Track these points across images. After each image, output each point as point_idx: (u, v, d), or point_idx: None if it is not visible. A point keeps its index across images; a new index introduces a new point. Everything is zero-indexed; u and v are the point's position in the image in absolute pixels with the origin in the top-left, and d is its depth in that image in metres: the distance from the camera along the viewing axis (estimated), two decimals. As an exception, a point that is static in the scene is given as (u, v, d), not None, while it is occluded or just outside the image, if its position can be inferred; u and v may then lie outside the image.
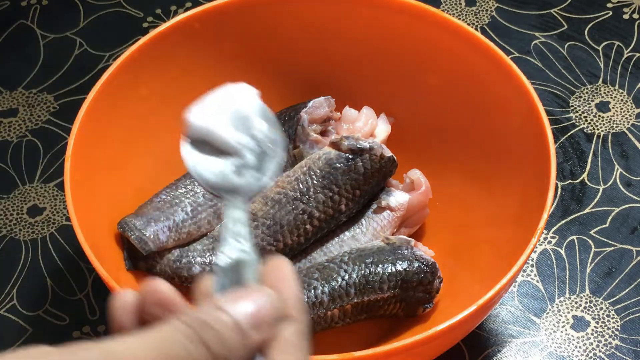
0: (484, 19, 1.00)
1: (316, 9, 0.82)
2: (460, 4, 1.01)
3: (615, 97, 0.93)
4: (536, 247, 0.82)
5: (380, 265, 0.74)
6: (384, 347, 0.63)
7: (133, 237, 0.74)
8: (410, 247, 0.75)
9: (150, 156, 0.80)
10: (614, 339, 0.78)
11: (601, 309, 0.79)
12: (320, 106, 0.81)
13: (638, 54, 0.97)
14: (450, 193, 0.81)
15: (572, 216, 0.85)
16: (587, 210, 0.86)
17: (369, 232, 0.78)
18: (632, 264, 0.82)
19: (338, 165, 0.76)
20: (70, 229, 0.74)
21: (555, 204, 0.86)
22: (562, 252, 0.83)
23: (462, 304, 0.65)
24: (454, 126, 0.82)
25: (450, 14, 0.91)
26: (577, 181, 0.88)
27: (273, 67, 0.85)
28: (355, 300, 0.73)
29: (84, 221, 0.69)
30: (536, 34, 0.98)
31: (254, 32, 0.83)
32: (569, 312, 0.79)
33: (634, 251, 0.83)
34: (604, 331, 0.78)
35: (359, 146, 0.77)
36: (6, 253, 0.84)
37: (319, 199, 0.76)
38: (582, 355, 0.77)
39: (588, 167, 0.89)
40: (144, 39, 0.78)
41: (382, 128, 0.82)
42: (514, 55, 0.96)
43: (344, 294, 0.73)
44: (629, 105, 0.93)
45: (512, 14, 1.00)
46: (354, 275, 0.73)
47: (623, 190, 0.87)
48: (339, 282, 0.73)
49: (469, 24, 0.97)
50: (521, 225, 0.71)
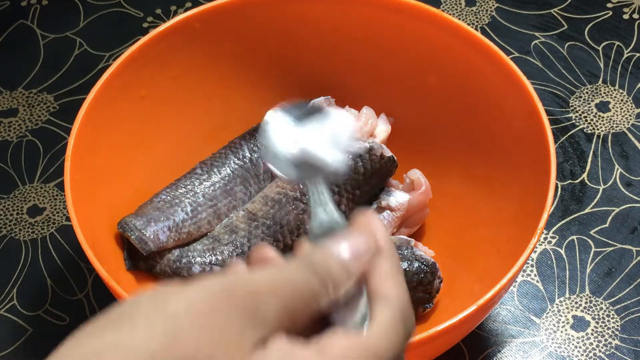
0: (484, 19, 1.00)
1: (316, 9, 0.82)
2: (460, 4, 1.01)
3: (615, 97, 0.93)
4: (536, 247, 0.82)
5: (380, 265, 0.73)
6: (384, 347, 0.63)
7: (133, 237, 0.74)
8: (410, 247, 0.75)
9: (150, 156, 0.80)
10: (614, 339, 0.78)
11: (601, 309, 0.79)
12: (320, 106, 0.81)
13: (638, 54, 0.97)
14: (450, 193, 0.81)
15: (572, 216, 0.85)
16: (587, 210, 0.86)
17: (369, 232, 0.78)
18: (632, 264, 0.82)
19: (338, 165, 0.76)
20: (70, 229, 0.74)
21: (555, 204, 0.86)
22: (562, 252, 0.83)
23: (462, 304, 0.65)
24: (454, 126, 0.82)
25: (450, 14, 0.91)
26: (577, 181, 0.88)
27: (273, 67, 0.85)
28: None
29: (84, 221, 0.69)
30: (536, 34, 0.98)
31: (254, 32, 0.83)
32: (569, 312, 0.79)
33: (634, 251, 0.83)
34: (604, 331, 0.78)
35: (359, 146, 0.77)
36: (6, 253, 0.84)
37: (319, 199, 0.76)
38: (582, 355, 0.77)
39: (588, 167, 0.89)
40: (144, 39, 0.78)
41: (382, 128, 0.82)
42: (514, 55, 0.96)
43: (344, 294, 0.73)
44: (629, 105, 0.93)
45: (512, 14, 1.00)
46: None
47: (623, 190, 0.87)
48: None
49: (469, 24, 0.97)
50: (521, 225, 0.71)
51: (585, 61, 0.96)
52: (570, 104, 0.93)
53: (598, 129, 0.91)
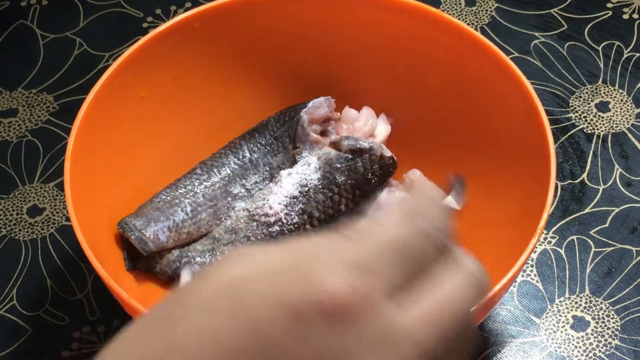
0: (484, 19, 1.00)
1: (316, 9, 0.82)
2: (460, 4, 1.01)
3: (615, 97, 0.93)
4: (536, 247, 0.82)
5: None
6: (384, 347, 0.63)
7: (133, 237, 0.74)
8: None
9: (150, 156, 0.80)
10: (614, 339, 0.78)
11: (601, 309, 0.79)
12: (320, 106, 0.81)
13: (638, 54, 0.97)
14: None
15: (572, 216, 0.85)
16: (587, 210, 0.86)
17: (369, 232, 0.78)
18: (632, 264, 0.82)
19: (338, 165, 0.77)
20: (70, 229, 0.74)
21: (555, 204, 0.86)
22: (562, 252, 0.83)
23: (462, 304, 0.65)
24: (454, 126, 0.82)
25: (450, 14, 0.91)
26: (577, 181, 0.88)
27: (273, 67, 0.85)
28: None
29: (84, 221, 0.69)
30: (536, 34, 0.98)
31: (254, 32, 0.83)
32: (568, 312, 0.79)
33: (634, 251, 0.83)
34: (604, 331, 0.78)
35: (358, 146, 0.77)
36: (6, 253, 0.84)
37: (318, 199, 0.76)
38: (582, 355, 0.77)
39: (588, 167, 0.89)
40: (144, 39, 0.78)
41: (382, 128, 0.82)
42: (514, 55, 0.96)
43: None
44: (629, 105, 0.93)
45: (512, 14, 1.00)
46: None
47: (623, 190, 0.87)
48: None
49: (468, 24, 0.97)
50: (521, 225, 0.71)
51: (585, 61, 0.96)
52: (570, 104, 0.93)
53: (598, 129, 0.91)
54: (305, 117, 0.80)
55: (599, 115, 0.92)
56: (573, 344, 0.77)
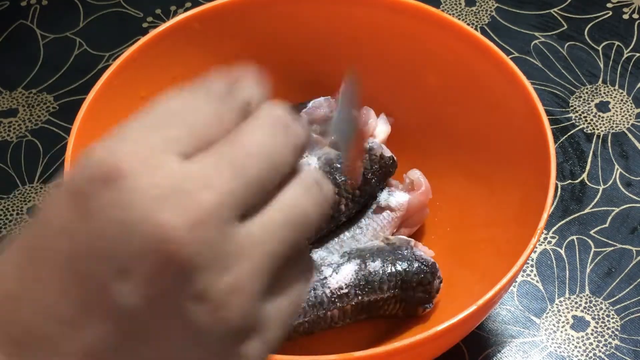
0: (483, 19, 1.00)
1: (316, 9, 0.82)
2: (460, 4, 1.01)
3: (615, 97, 0.93)
4: (536, 247, 0.82)
5: (380, 266, 0.74)
6: (384, 347, 0.63)
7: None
8: (410, 247, 0.75)
9: (150, 156, 0.80)
10: (614, 339, 0.78)
11: (601, 309, 0.79)
12: (320, 106, 0.81)
13: (638, 54, 0.97)
14: (450, 193, 0.81)
15: (572, 216, 0.85)
16: (587, 210, 0.86)
17: (368, 233, 0.78)
18: (632, 264, 0.82)
19: (338, 165, 0.76)
20: (70, 229, 0.74)
21: (555, 204, 0.86)
22: (562, 252, 0.83)
23: (462, 304, 0.65)
24: (454, 126, 0.82)
25: (450, 14, 0.91)
26: (577, 181, 0.88)
27: (273, 67, 0.84)
28: (355, 301, 0.73)
29: (84, 221, 0.69)
30: (536, 34, 0.98)
31: (254, 32, 0.83)
32: (568, 312, 0.79)
33: (634, 251, 0.83)
34: (604, 331, 0.78)
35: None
36: (6, 253, 0.84)
37: (318, 199, 0.76)
38: (582, 355, 0.77)
39: (588, 167, 0.89)
40: (143, 39, 0.78)
41: (382, 128, 0.82)
42: (514, 55, 0.96)
43: (344, 294, 0.73)
44: (629, 105, 0.93)
45: (512, 14, 1.00)
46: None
47: (623, 190, 0.87)
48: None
49: (468, 24, 0.97)
50: (521, 225, 0.71)
51: (585, 61, 0.96)
52: (570, 104, 0.93)
53: (598, 129, 0.91)
54: (305, 117, 0.80)
55: (599, 115, 0.92)
56: (573, 344, 0.77)
